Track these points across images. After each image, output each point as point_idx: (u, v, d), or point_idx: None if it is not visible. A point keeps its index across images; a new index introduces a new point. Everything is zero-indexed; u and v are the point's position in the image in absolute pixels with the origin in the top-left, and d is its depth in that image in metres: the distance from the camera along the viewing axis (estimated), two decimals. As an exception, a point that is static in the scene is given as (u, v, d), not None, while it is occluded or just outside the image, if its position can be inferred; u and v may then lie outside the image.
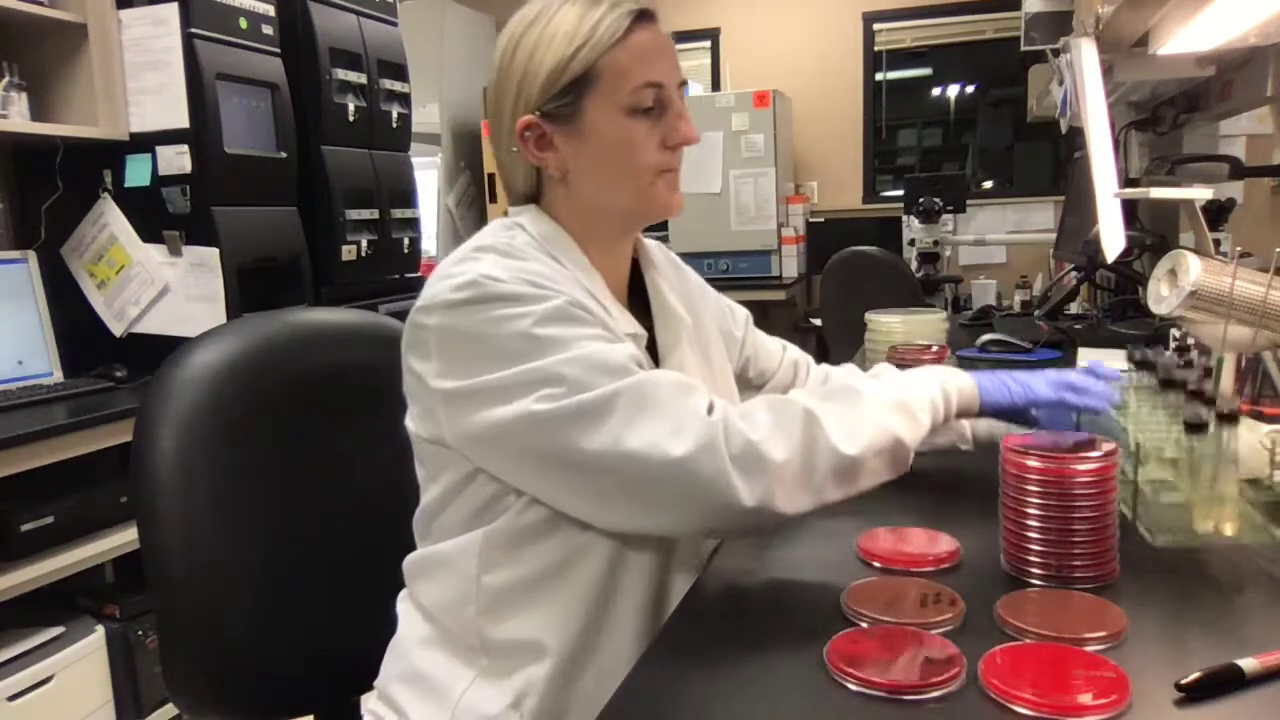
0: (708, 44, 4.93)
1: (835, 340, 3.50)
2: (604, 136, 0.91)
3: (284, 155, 2.53)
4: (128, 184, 2.34)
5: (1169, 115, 2.55)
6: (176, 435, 0.99)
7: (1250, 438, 0.90)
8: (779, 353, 1.26)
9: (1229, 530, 0.85)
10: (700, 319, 1.11)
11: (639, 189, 0.93)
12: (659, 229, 3.97)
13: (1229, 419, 0.85)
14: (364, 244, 2.80)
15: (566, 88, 0.90)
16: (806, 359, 1.29)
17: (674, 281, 1.11)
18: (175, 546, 0.98)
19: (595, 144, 0.91)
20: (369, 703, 1.02)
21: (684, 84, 0.96)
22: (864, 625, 0.78)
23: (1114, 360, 1.89)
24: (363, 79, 2.81)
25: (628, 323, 0.96)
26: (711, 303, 1.18)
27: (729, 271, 4.39)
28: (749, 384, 1.22)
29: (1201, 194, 1.53)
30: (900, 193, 4.31)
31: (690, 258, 1.07)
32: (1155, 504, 0.91)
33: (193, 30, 2.25)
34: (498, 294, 0.84)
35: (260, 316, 1.12)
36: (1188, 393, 0.93)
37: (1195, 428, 0.86)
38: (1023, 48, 2.57)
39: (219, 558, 1.00)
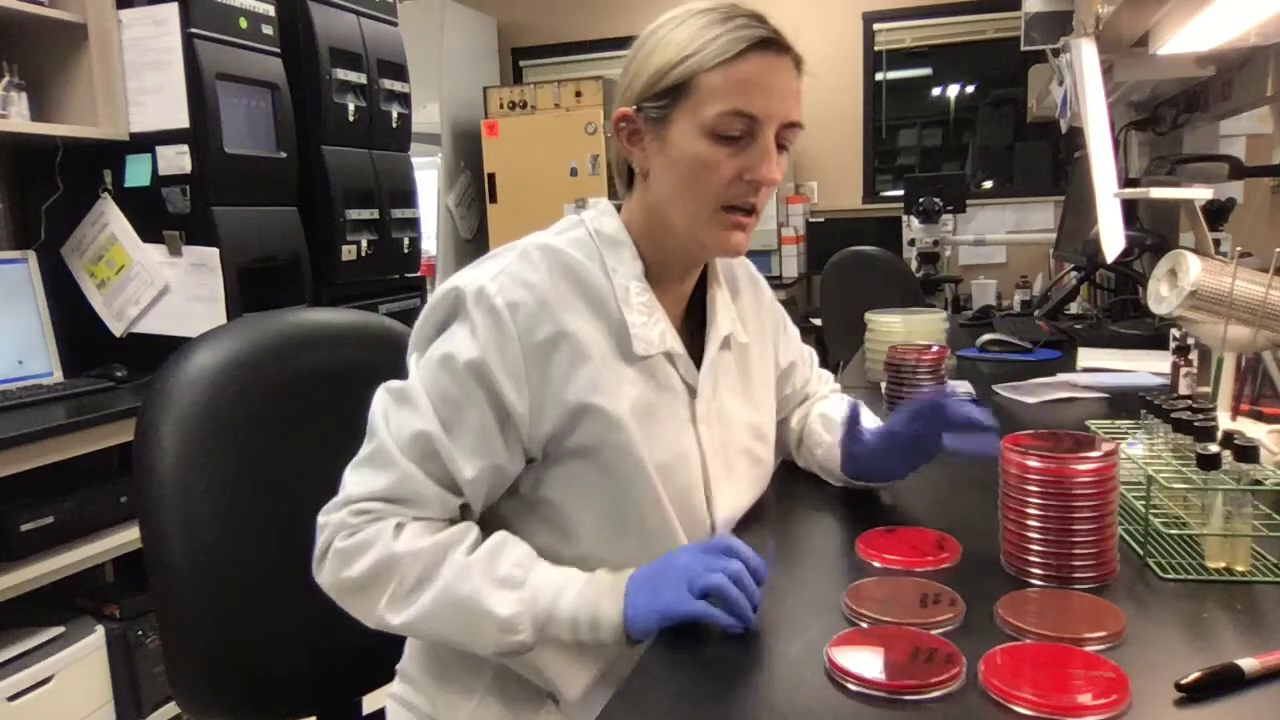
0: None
1: (835, 340, 3.50)
2: (681, 150, 0.91)
3: (284, 155, 2.53)
4: (128, 184, 2.34)
5: (1169, 115, 2.55)
6: (178, 435, 0.99)
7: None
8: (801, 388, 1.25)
9: (1241, 568, 0.85)
10: (763, 345, 1.11)
11: (699, 215, 0.92)
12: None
13: (1244, 454, 0.84)
14: (364, 244, 2.80)
15: (663, 92, 0.91)
16: (810, 391, 1.27)
17: (749, 299, 1.10)
18: (177, 546, 0.99)
19: (673, 154, 0.92)
20: (392, 687, 1.04)
21: (793, 125, 0.93)
22: (864, 625, 0.78)
23: (1113, 360, 1.89)
24: (363, 79, 2.81)
25: (659, 338, 0.94)
26: (777, 337, 1.16)
27: (729, 271, 4.38)
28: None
29: (1201, 194, 1.53)
30: (900, 193, 4.31)
31: (690, 257, 1.06)
32: (1167, 539, 0.91)
33: (193, 30, 2.25)
34: (457, 313, 0.90)
35: (260, 317, 1.13)
36: (1197, 430, 0.92)
37: (1208, 461, 0.85)
38: (1023, 48, 2.57)
39: (220, 558, 1.01)
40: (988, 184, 5.06)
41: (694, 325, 1.03)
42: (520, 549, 0.88)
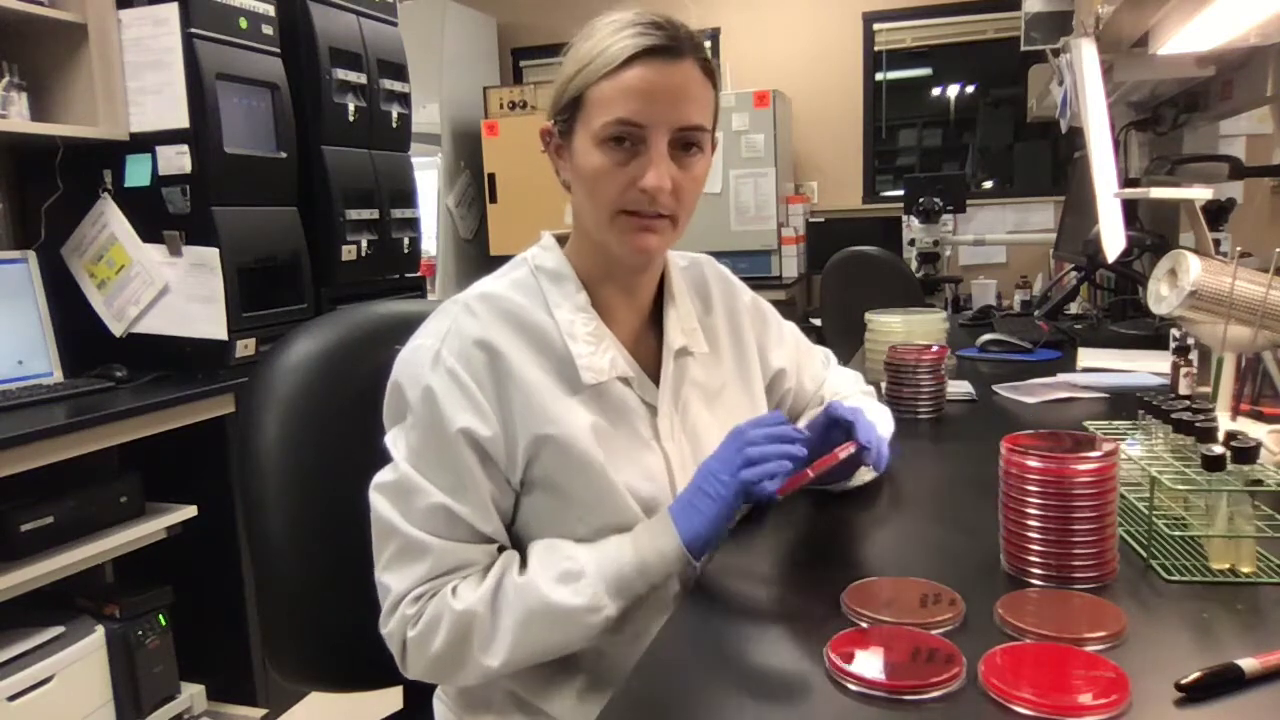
0: (708, 44, 4.92)
1: (835, 340, 3.50)
2: (581, 160, 0.93)
3: (284, 155, 2.53)
4: (128, 184, 2.34)
5: (1169, 115, 2.55)
6: (278, 419, 1.07)
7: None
8: (814, 391, 1.24)
9: (1245, 569, 0.85)
10: (740, 349, 1.11)
11: (601, 222, 0.94)
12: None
13: (1245, 455, 0.84)
14: (364, 244, 2.80)
15: (566, 106, 0.94)
16: (826, 380, 1.26)
17: (720, 304, 1.11)
18: (276, 525, 1.06)
19: (576, 165, 0.94)
20: (435, 702, 1.07)
21: (693, 128, 0.92)
22: (864, 625, 0.78)
23: (1113, 360, 1.89)
24: (363, 79, 2.81)
25: (609, 364, 0.96)
26: (763, 339, 1.16)
27: (729, 271, 4.38)
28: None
29: (1201, 194, 1.53)
30: (900, 193, 4.31)
31: (690, 258, 1.06)
32: (1170, 541, 0.91)
33: (193, 30, 2.25)
34: (420, 382, 0.91)
35: (353, 308, 1.20)
36: (1198, 431, 0.92)
37: (1213, 463, 0.85)
38: (1023, 48, 2.57)
39: (316, 536, 1.08)
40: (988, 184, 5.06)
41: (657, 341, 1.03)
42: (563, 545, 0.91)
